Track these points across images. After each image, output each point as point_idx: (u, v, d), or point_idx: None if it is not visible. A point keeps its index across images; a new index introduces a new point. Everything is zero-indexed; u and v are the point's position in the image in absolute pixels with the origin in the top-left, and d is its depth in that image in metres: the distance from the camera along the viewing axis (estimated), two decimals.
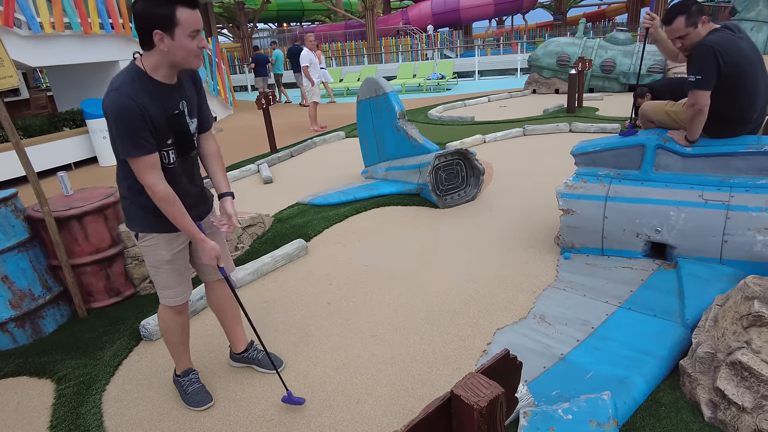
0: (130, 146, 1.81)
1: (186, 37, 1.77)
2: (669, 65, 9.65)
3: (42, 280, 3.09)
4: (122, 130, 1.79)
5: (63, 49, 8.07)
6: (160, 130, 1.89)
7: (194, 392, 2.37)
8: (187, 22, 1.75)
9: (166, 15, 1.71)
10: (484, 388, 0.94)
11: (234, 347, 2.60)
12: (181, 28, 1.74)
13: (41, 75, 20.67)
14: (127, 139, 1.80)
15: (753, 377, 1.82)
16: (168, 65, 1.85)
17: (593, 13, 35.67)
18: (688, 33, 2.77)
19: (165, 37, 1.75)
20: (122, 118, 1.77)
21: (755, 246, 2.64)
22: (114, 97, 1.78)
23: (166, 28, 1.73)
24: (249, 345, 2.61)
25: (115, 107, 1.77)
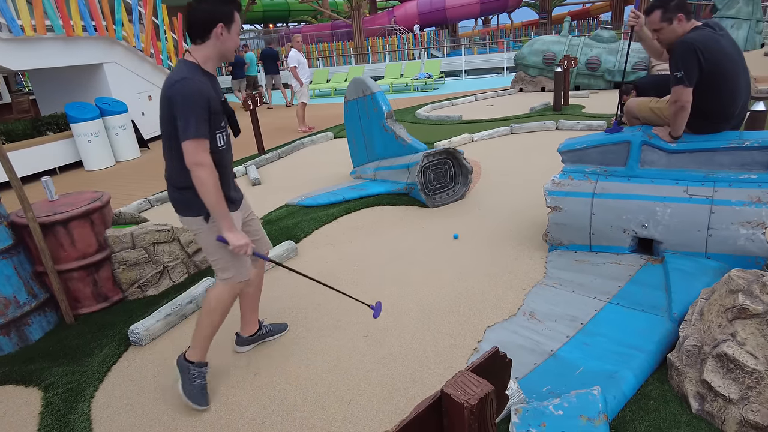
0: (203, 127, 2.02)
1: (235, 33, 2.13)
2: (653, 62, 9.76)
3: (27, 287, 3.04)
4: (198, 113, 2.00)
5: (45, 52, 7.96)
6: (217, 114, 2.12)
7: (201, 388, 2.35)
8: (238, 21, 2.13)
9: (229, 11, 2.07)
10: (474, 386, 0.95)
11: (247, 331, 2.71)
12: (235, 25, 2.11)
13: (23, 79, 20.36)
14: (201, 120, 2.01)
15: (738, 369, 1.84)
16: (217, 56, 2.13)
17: (578, 11, 35.97)
18: (662, 27, 2.82)
19: (224, 29, 2.07)
20: (197, 101, 2.00)
21: (739, 240, 2.68)
22: (187, 84, 2.00)
23: (227, 22, 2.07)
24: (260, 323, 2.77)
25: (189, 92, 1.99)
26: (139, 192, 6.34)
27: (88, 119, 8.08)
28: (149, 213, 5.51)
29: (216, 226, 2.17)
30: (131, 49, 9.79)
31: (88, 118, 8.07)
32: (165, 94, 2.04)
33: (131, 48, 9.78)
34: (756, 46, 11.93)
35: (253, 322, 2.73)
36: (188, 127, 1.98)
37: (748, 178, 2.74)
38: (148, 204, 5.71)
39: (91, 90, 9.29)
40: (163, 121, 2.10)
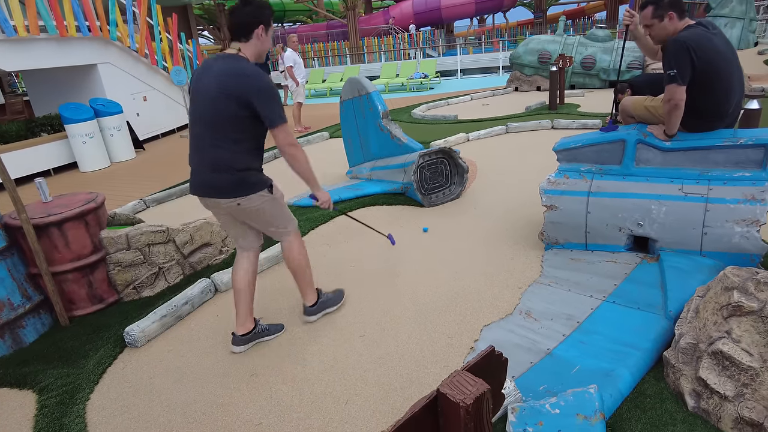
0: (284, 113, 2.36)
1: (270, 36, 2.44)
2: (647, 61, 9.79)
3: (21, 289, 3.02)
4: (279, 101, 2.35)
5: (39, 52, 7.91)
6: None
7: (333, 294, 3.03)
8: (272, 27, 2.46)
9: (268, 15, 2.40)
10: (469, 385, 0.94)
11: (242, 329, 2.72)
12: (271, 29, 2.43)
13: (17, 79, 20.25)
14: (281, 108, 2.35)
15: (734, 366, 1.85)
16: (257, 56, 2.43)
17: (573, 10, 36.08)
18: (653, 24, 2.84)
19: (263, 31, 2.39)
20: (276, 92, 2.35)
21: (734, 237, 2.69)
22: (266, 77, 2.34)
23: (266, 24, 2.39)
24: (256, 322, 2.80)
25: (271, 84, 2.33)
26: (134, 193, 6.31)
27: (83, 120, 8.03)
28: (144, 214, 5.49)
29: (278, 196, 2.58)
30: (126, 50, 9.75)
31: (82, 119, 8.03)
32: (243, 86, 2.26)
33: (126, 48, 9.74)
34: (749, 44, 12.00)
35: (249, 321, 2.73)
36: (280, 114, 2.33)
37: (743, 176, 2.75)
38: (143, 205, 5.69)
39: (85, 91, 9.25)
40: (226, 111, 2.30)
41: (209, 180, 2.42)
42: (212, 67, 2.35)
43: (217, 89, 2.28)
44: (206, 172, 2.42)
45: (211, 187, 2.42)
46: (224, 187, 2.40)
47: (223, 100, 2.27)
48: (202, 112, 2.36)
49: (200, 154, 2.42)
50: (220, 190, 2.41)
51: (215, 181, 2.40)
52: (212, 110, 2.31)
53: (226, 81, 2.27)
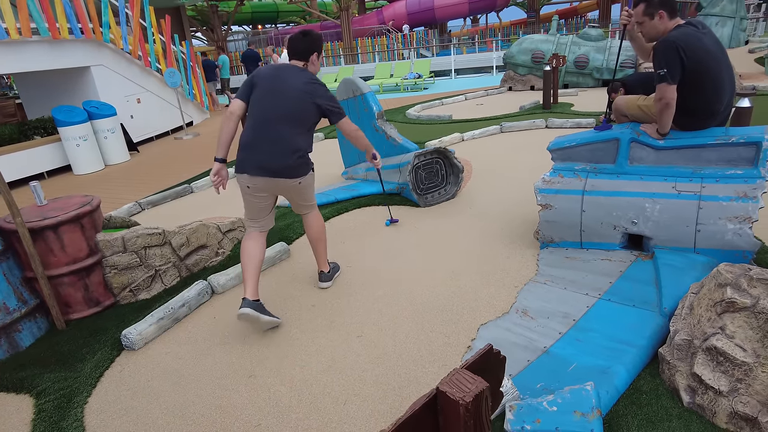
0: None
1: (319, 63, 3.04)
2: (640, 60, 9.85)
3: (17, 293, 3.01)
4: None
5: (31, 55, 7.88)
6: None
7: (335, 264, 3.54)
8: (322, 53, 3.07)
9: (320, 46, 3.03)
10: (468, 383, 0.96)
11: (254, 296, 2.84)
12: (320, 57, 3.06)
13: (9, 82, 20.12)
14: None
15: (728, 361, 1.87)
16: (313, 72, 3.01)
17: (565, 9, 36.22)
18: (644, 21, 2.87)
19: (317, 57, 3.01)
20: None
21: (726, 234, 2.72)
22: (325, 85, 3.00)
23: (319, 52, 3.02)
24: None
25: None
26: (129, 195, 6.30)
27: (76, 123, 8.00)
28: (140, 216, 5.47)
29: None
30: (119, 52, 9.72)
31: (76, 121, 8.00)
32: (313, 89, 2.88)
33: (119, 50, 9.71)
34: (740, 43, 12.10)
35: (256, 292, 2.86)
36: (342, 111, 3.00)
37: (735, 174, 2.78)
38: (138, 207, 5.67)
39: (78, 93, 9.21)
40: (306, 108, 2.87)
41: (281, 163, 2.84)
42: (289, 72, 2.89)
43: (300, 91, 2.84)
44: (278, 156, 2.83)
45: (281, 169, 2.85)
46: (294, 168, 2.88)
47: (304, 99, 2.85)
48: (285, 106, 2.84)
49: (274, 141, 2.83)
50: (289, 171, 2.88)
51: (287, 164, 2.85)
52: (294, 107, 2.84)
53: (307, 86, 2.86)
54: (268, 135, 2.84)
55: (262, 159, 2.84)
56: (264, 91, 2.87)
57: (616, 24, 22.70)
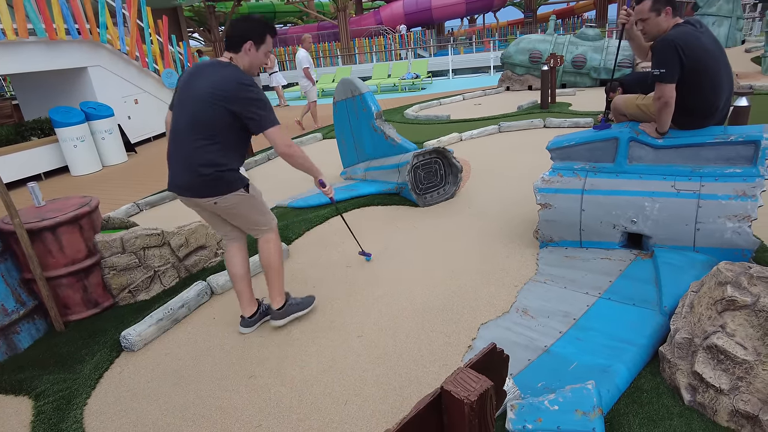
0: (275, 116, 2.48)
1: (263, 53, 2.55)
2: (637, 60, 9.87)
3: (15, 295, 3.00)
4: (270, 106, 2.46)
5: (27, 56, 7.85)
6: None
7: (303, 299, 2.96)
8: (269, 43, 2.55)
9: (260, 33, 2.50)
10: (473, 382, 0.95)
11: (248, 311, 2.89)
12: (264, 46, 2.53)
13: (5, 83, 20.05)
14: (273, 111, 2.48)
15: (729, 360, 1.87)
16: (246, 68, 2.53)
17: (562, 9, 36.30)
18: (649, 18, 2.86)
19: (253, 47, 2.50)
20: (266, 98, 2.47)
21: (726, 233, 2.73)
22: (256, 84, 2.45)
23: (256, 41, 2.50)
24: (259, 303, 2.97)
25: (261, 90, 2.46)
26: (127, 196, 6.28)
27: (74, 124, 7.98)
28: (138, 217, 5.46)
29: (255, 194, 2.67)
30: (116, 53, 9.69)
31: (73, 122, 7.97)
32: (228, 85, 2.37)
33: (116, 51, 9.68)
34: (737, 42, 12.13)
35: (253, 302, 2.91)
36: (272, 119, 2.45)
37: (734, 173, 2.79)
38: (136, 208, 5.65)
39: (75, 94, 9.18)
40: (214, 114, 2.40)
41: (188, 180, 2.49)
42: (204, 71, 2.45)
43: (208, 94, 2.38)
44: (185, 172, 2.49)
45: (190, 187, 2.51)
46: (202, 187, 2.49)
47: (214, 104, 2.38)
48: (190, 113, 2.44)
49: (182, 154, 2.49)
50: (198, 189, 2.50)
51: (194, 181, 2.48)
52: (200, 114, 2.41)
53: (220, 85, 2.38)
54: (176, 148, 2.51)
55: (174, 175, 2.55)
56: (177, 96, 2.54)
57: (613, 24, 22.77)
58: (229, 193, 2.54)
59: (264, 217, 2.77)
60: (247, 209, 2.67)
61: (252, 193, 2.65)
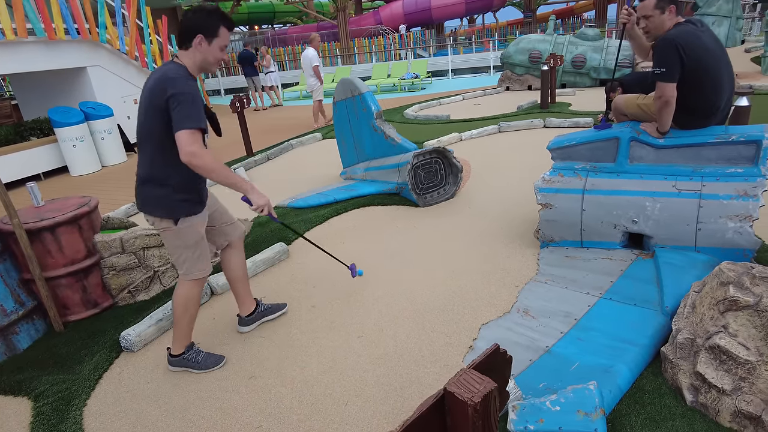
0: (194, 120, 2.12)
1: (217, 48, 2.26)
2: (637, 60, 9.87)
3: (14, 295, 2.99)
4: (194, 106, 2.13)
5: (26, 55, 7.83)
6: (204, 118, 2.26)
7: (205, 357, 2.61)
8: (224, 37, 2.26)
9: (212, 26, 2.21)
10: (477, 383, 0.94)
11: (245, 310, 2.87)
12: (218, 40, 2.24)
13: (4, 83, 20.01)
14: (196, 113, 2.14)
15: (731, 360, 1.87)
16: (198, 65, 2.27)
17: (562, 10, 36.30)
18: (653, 15, 2.84)
19: (204, 41, 2.21)
20: (196, 97, 2.15)
21: (727, 233, 2.72)
22: (189, 82, 2.18)
23: (207, 35, 2.21)
24: (258, 303, 2.92)
25: (190, 89, 2.14)
26: (126, 196, 6.26)
27: (73, 124, 7.96)
28: (138, 217, 5.44)
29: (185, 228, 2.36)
30: (115, 53, 9.67)
31: (72, 122, 7.96)
32: (157, 86, 2.14)
33: (115, 51, 9.66)
34: (736, 42, 12.11)
35: (249, 302, 2.88)
36: (189, 117, 2.09)
37: (735, 172, 2.78)
38: (136, 208, 5.63)
39: (75, 94, 9.16)
40: (146, 116, 2.22)
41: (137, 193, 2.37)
42: (150, 77, 2.25)
43: (148, 96, 2.20)
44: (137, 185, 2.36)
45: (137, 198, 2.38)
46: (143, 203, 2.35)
47: (146, 108, 2.21)
48: (138, 122, 2.29)
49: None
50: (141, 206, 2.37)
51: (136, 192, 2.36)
52: (141, 120, 2.26)
53: (151, 87, 2.17)
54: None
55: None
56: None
57: (613, 24, 22.77)
58: (162, 219, 2.32)
59: (183, 265, 2.44)
60: (170, 242, 2.39)
61: (181, 227, 2.33)
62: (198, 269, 2.48)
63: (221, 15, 2.23)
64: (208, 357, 2.61)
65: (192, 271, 2.46)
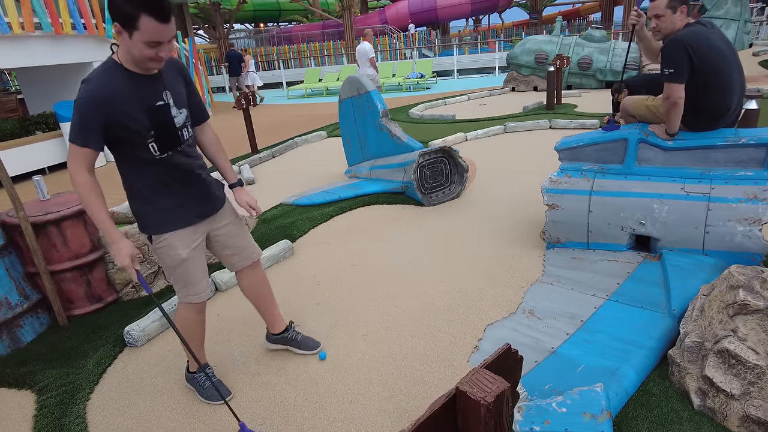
0: (72, 133, 1.83)
1: (141, 43, 1.74)
2: (644, 62, 9.84)
3: (19, 288, 2.99)
4: (74, 118, 1.82)
5: (33, 50, 7.84)
6: (138, 121, 1.88)
7: (211, 387, 2.35)
8: (148, 31, 1.72)
9: (127, 14, 1.70)
10: (489, 383, 0.93)
11: (272, 329, 2.61)
12: (139, 33, 1.72)
13: (10, 77, 20.08)
14: (74, 126, 1.82)
15: (740, 364, 1.85)
16: (130, 61, 1.84)
17: (568, 11, 36.20)
18: (665, 15, 2.81)
19: (123, 32, 1.74)
20: (78, 106, 1.80)
21: (736, 236, 2.70)
22: (82, 89, 1.81)
23: (124, 25, 1.72)
24: (288, 326, 2.63)
25: (78, 97, 1.80)
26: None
27: None
28: None
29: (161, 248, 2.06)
30: None
31: None
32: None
33: None
34: (744, 45, 12.06)
35: (276, 321, 2.58)
36: (72, 127, 1.82)
37: (745, 175, 2.76)
38: None
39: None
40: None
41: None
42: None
43: None
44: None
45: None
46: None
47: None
48: None
49: None
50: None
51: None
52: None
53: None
54: None
55: None
56: None
57: (619, 26, 22.69)
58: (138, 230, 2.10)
59: (175, 286, 2.20)
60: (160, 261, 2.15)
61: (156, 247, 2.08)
62: (186, 294, 2.19)
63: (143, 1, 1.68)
64: (211, 389, 2.35)
65: (182, 295, 2.20)
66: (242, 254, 2.38)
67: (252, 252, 2.41)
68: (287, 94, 17.03)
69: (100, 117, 1.80)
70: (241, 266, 2.40)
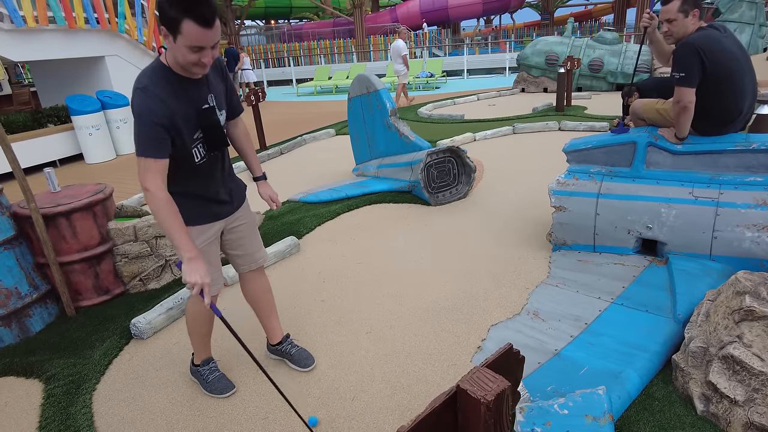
0: (142, 147, 1.82)
1: (184, 48, 1.74)
2: (655, 65, 9.76)
3: (29, 279, 3.03)
4: (141, 131, 1.81)
5: (47, 43, 7.93)
6: (189, 126, 1.90)
7: (215, 380, 2.39)
8: (191, 35, 1.71)
9: (171, 19, 1.69)
10: (490, 382, 0.94)
11: (270, 339, 2.58)
12: (182, 38, 1.72)
13: (23, 70, 20.28)
14: (144, 139, 1.81)
15: (745, 371, 1.84)
16: (176, 65, 1.84)
17: (580, 12, 35.99)
18: (677, 18, 2.79)
19: (168, 36, 1.74)
20: (145, 120, 1.79)
21: (744, 242, 2.68)
22: (140, 97, 1.80)
23: (169, 29, 1.73)
24: (284, 338, 2.57)
25: (140, 109, 1.79)
26: (139, 186, 6.31)
27: (90, 112, 8.05)
28: None
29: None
30: (133, 43, 9.76)
31: (89, 110, 8.05)
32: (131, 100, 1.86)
33: (133, 41, 9.74)
34: (758, 50, 11.93)
35: (275, 331, 2.55)
36: (137, 141, 1.82)
37: (754, 181, 2.74)
38: None
39: (92, 83, 9.27)
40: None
41: None
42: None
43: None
44: None
45: None
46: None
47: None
48: None
49: None
50: None
51: None
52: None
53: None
54: None
55: None
56: None
57: (631, 29, 22.52)
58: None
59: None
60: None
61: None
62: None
63: (186, 6, 1.65)
64: (218, 381, 2.40)
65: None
66: (250, 257, 2.38)
67: (259, 257, 2.42)
68: (297, 91, 17.07)
69: (164, 126, 1.82)
70: (246, 269, 2.40)
